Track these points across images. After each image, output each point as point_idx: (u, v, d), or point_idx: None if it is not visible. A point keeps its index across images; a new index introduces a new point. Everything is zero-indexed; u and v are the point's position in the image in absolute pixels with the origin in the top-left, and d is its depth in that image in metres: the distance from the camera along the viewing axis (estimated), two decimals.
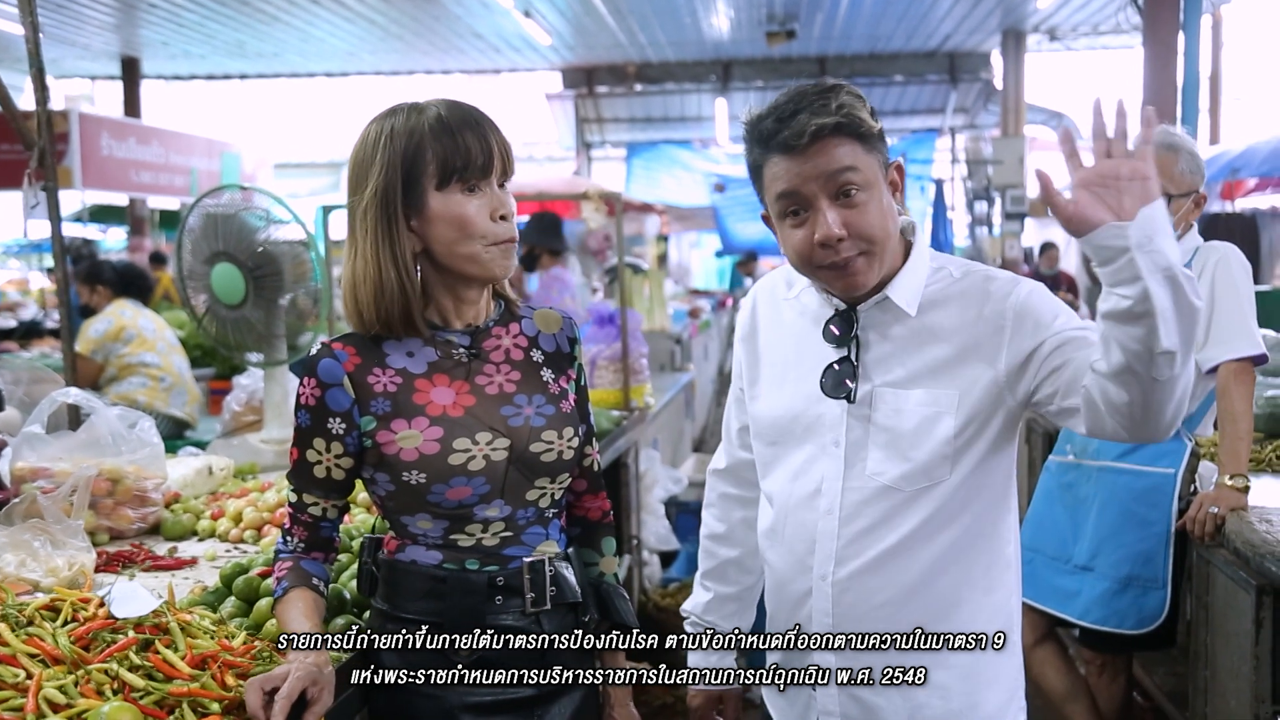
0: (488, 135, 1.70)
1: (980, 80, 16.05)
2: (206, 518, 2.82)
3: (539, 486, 1.78)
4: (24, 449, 2.70)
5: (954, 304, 1.75)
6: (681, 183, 17.20)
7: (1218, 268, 3.08)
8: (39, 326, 8.76)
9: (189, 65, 15.00)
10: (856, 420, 1.78)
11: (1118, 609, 3.12)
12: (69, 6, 11.34)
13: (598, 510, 1.98)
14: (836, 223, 1.67)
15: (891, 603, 1.75)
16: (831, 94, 1.69)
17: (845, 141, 1.67)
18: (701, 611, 2.09)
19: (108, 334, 5.32)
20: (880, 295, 1.76)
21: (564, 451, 1.80)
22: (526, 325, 1.87)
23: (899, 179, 1.76)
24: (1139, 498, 3.11)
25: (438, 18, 12.55)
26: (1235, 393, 2.98)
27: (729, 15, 13.01)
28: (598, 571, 1.96)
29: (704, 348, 10.43)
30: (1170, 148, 3.12)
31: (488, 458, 1.72)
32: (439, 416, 1.72)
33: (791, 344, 1.87)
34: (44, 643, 1.66)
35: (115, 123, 11.94)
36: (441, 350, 1.77)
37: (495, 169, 1.71)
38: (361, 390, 1.72)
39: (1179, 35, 8.57)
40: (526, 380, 1.81)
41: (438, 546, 1.76)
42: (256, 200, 3.63)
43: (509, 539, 1.78)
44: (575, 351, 1.90)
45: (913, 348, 1.76)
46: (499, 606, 1.76)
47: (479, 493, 1.72)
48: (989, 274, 1.77)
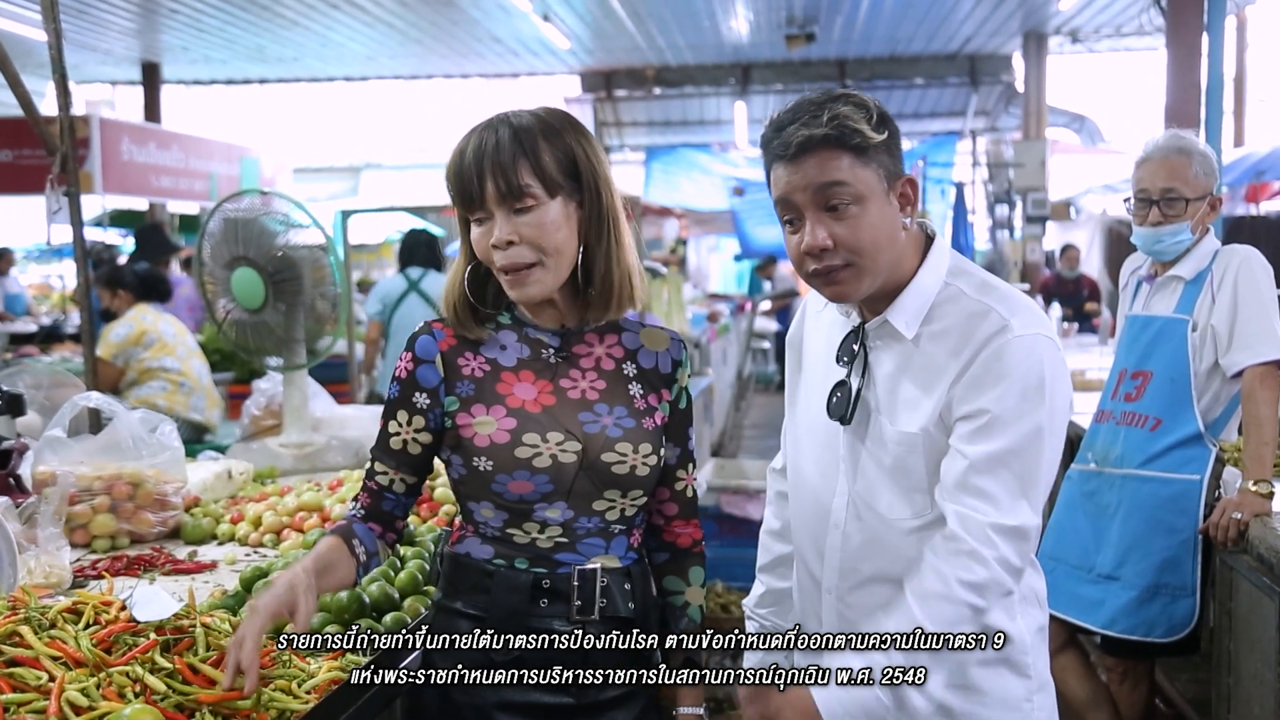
0: (484, 168, 1.69)
1: (1001, 83, 15.97)
2: (226, 522, 2.83)
3: (608, 498, 1.77)
4: (46, 453, 2.71)
5: (950, 336, 1.71)
6: (700, 186, 17.17)
7: (1240, 271, 3.06)
8: (59, 331, 8.80)
9: (209, 70, 15.07)
10: (854, 442, 1.80)
11: (1146, 617, 3.10)
12: (90, 12, 11.40)
13: (688, 538, 1.93)
14: (822, 234, 1.67)
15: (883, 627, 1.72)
16: (829, 105, 1.67)
17: (836, 153, 1.65)
18: (755, 604, 2.12)
19: (129, 338, 5.34)
20: (881, 317, 1.76)
21: (637, 466, 1.77)
22: (628, 339, 1.86)
23: (911, 192, 1.73)
24: (1165, 505, 3.09)
25: (456, 22, 12.57)
26: (1260, 397, 2.96)
27: (748, 18, 12.98)
28: (682, 600, 1.92)
29: (722, 352, 10.41)
30: (1182, 151, 3.12)
31: (555, 458, 1.73)
32: (517, 409, 1.75)
33: (821, 356, 1.89)
34: (66, 645, 1.67)
35: (136, 128, 12.00)
36: (532, 348, 1.80)
37: (490, 198, 1.70)
38: (450, 370, 1.77)
39: (1203, 37, 8.49)
40: (611, 390, 1.81)
41: (494, 540, 1.77)
42: (276, 205, 3.65)
43: (564, 545, 1.77)
44: (678, 374, 1.88)
45: (907, 376, 1.75)
46: (543, 610, 1.75)
47: (541, 491, 1.73)
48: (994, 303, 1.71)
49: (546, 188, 1.70)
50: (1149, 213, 3.15)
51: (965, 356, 1.68)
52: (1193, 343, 3.11)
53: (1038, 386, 1.66)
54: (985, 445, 1.65)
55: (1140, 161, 3.20)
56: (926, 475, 1.72)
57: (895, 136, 1.70)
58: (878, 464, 1.77)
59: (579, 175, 1.74)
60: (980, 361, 1.67)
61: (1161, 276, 3.24)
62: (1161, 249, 3.18)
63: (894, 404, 1.75)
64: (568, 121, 1.76)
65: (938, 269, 1.76)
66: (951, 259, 1.78)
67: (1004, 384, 1.65)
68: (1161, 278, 3.24)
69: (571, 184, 1.73)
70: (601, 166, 1.77)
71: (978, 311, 1.71)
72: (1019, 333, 1.67)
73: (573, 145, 1.74)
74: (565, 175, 1.72)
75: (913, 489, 1.74)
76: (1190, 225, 3.13)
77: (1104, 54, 15.45)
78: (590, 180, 1.74)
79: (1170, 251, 3.18)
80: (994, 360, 1.66)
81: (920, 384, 1.73)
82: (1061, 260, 11.93)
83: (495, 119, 1.74)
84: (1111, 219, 12.66)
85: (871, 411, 1.77)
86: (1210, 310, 3.09)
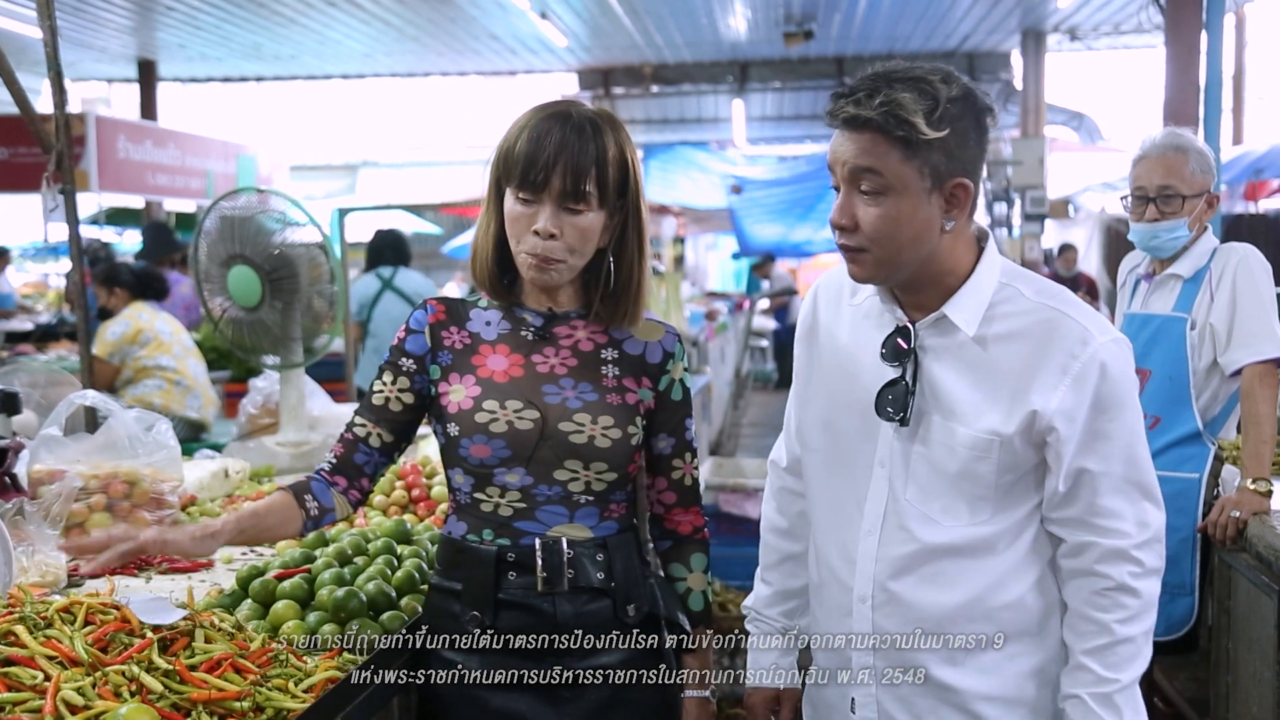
0: (559, 160, 1.76)
1: (1000, 80, 15.96)
2: None
3: (569, 469, 1.84)
4: (42, 451, 2.70)
5: (1022, 340, 1.67)
6: (698, 184, 17.13)
7: (1239, 269, 3.06)
8: (55, 329, 8.78)
9: (205, 68, 15.04)
10: (904, 444, 1.73)
11: None
12: (86, 9, 11.37)
13: (688, 525, 2.00)
14: (843, 210, 1.65)
15: (927, 634, 1.73)
16: (892, 84, 1.59)
17: (878, 139, 1.59)
18: (763, 607, 2.03)
19: (125, 336, 5.33)
20: (938, 314, 1.70)
21: (596, 437, 1.83)
22: (616, 329, 1.91)
23: (962, 195, 1.64)
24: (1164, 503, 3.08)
25: (453, 19, 12.55)
26: (1259, 395, 2.96)
27: (746, 16, 12.97)
28: (685, 587, 1.98)
29: (720, 350, 10.41)
30: (1179, 149, 3.12)
31: (511, 424, 1.83)
32: (485, 379, 1.86)
33: (848, 352, 1.80)
34: (62, 645, 1.66)
35: (132, 125, 11.96)
36: (514, 325, 1.91)
37: (553, 189, 1.77)
38: (435, 342, 1.90)
39: (1201, 34, 8.48)
40: (582, 368, 1.88)
41: (465, 509, 1.88)
42: (273, 203, 3.64)
43: (523, 511, 1.84)
44: (668, 365, 1.93)
45: (972, 379, 1.69)
46: (511, 582, 1.83)
47: (499, 455, 1.83)
48: (1062, 308, 1.68)
49: (601, 198, 1.80)
50: (1145, 209, 3.15)
51: (1054, 366, 1.64)
52: (1191, 341, 3.11)
53: (1131, 390, 1.68)
54: (1102, 464, 1.65)
55: (1137, 159, 3.20)
56: (995, 481, 1.68)
57: (962, 134, 1.61)
58: (936, 468, 1.70)
59: (627, 191, 1.84)
60: (1077, 376, 1.63)
61: (1160, 275, 3.24)
62: (1158, 245, 3.18)
63: (958, 407, 1.68)
64: (626, 134, 1.85)
65: (993, 268, 1.71)
66: (1003, 261, 1.74)
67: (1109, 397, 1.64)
68: (1160, 276, 3.24)
69: (619, 200, 1.83)
70: (641, 180, 1.87)
71: (1050, 317, 1.67)
72: (1101, 340, 1.65)
73: (630, 162, 1.83)
74: (618, 191, 1.82)
75: (978, 496, 1.69)
76: (1187, 222, 3.13)
77: (1102, 51, 15.44)
78: (634, 196, 1.85)
79: (1167, 248, 3.18)
80: (1089, 374, 1.63)
81: (991, 387, 1.67)
82: (1059, 260, 11.94)
83: (578, 115, 1.80)
84: (1110, 217, 12.67)
85: (926, 413, 1.71)
86: (1209, 308, 3.09)
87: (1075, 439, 1.65)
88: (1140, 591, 1.67)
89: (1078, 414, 1.64)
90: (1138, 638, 1.67)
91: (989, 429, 1.66)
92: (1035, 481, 1.71)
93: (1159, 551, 1.70)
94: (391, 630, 2.01)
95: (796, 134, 19.33)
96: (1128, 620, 1.66)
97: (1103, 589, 1.67)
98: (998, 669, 1.73)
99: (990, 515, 1.70)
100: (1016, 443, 1.66)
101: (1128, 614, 1.66)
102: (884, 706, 1.78)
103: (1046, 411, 1.64)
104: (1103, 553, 1.67)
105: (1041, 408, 1.64)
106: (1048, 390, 1.64)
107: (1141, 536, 1.68)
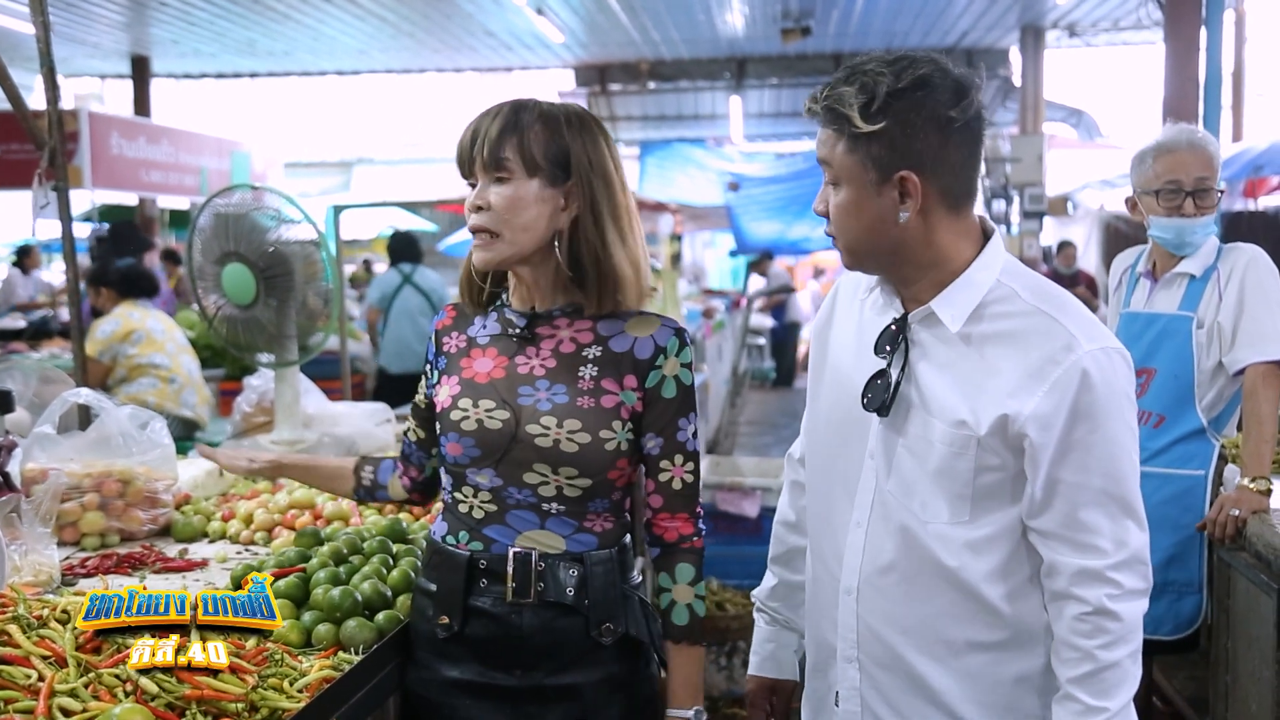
0: (477, 133, 1.83)
1: (998, 77, 15.96)
2: (217, 519, 2.81)
3: (538, 472, 1.83)
4: (35, 450, 2.69)
5: (1008, 342, 1.64)
6: (695, 181, 17.12)
7: (1247, 269, 3.05)
8: (48, 327, 8.74)
9: (199, 64, 15.01)
10: (889, 437, 1.72)
11: (1153, 615, 3.04)
12: (79, 5, 11.34)
13: (674, 532, 1.92)
14: (820, 198, 1.70)
15: (908, 631, 1.72)
16: (843, 80, 1.62)
17: (826, 131, 1.66)
18: (767, 597, 2.04)
19: (115, 335, 5.30)
20: (926, 308, 1.69)
21: (562, 441, 1.82)
22: (605, 325, 1.89)
23: (911, 190, 1.62)
24: (1170, 501, 3.07)
25: (449, 15, 12.53)
26: (1262, 395, 2.95)
27: (743, 12, 12.96)
28: (669, 599, 1.91)
29: (718, 348, 10.39)
30: (1207, 141, 3.13)
31: (480, 423, 1.85)
32: (467, 380, 1.90)
33: (854, 345, 1.80)
34: (55, 644, 1.65)
35: (125, 122, 11.92)
36: (504, 327, 1.94)
37: (478, 165, 1.82)
38: (438, 346, 1.99)
39: (1201, 31, 8.48)
40: (559, 370, 1.87)
41: (447, 509, 1.94)
42: (267, 200, 3.62)
43: (493, 514, 1.85)
44: (658, 361, 1.87)
45: (956, 375, 1.67)
46: (481, 590, 1.85)
47: (469, 454, 1.86)
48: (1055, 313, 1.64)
49: (525, 166, 1.80)
50: (1183, 203, 3.07)
51: (1033, 371, 1.61)
52: (1198, 340, 3.08)
53: (1119, 402, 1.62)
54: (1079, 475, 1.61)
55: (1163, 152, 3.09)
56: (974, 480, 1.66)
57: (909, 126, 1.59)
58: (918, 461, 1.69)
59: (568, 165, 1.82)
60: (1055, 382, 1.60)
61: (1168, 273, 3.19)
62: (1193, 241, 3.10)
63: (937, 401, 1.67)
64: (575, 116, 1.85)
65: (992, 266, 1.68)
66: (1007, 259, 1.71)
67: (1089, 406, 1.59)
68: (1168, 274, 3.19)
69: (557, 171, 1.81)
70: (603, 162, 1.84)
71: (1040, 322, 1.64)
72: (1088, 348, 1.61)
73: (568, 137, 1.82)
74: (550, 161, 1.81)
75: (958, 494, 1.67)
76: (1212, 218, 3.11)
77: (1102, 48, 15.44)
78: (584, 173, 1.82)
79: (1197, 245, 3.11)
80: (1069, 381, 1.59)
81: (973, 386, 1.65)
82: (1058, 258, 11.93)
83: (508, 101, 1.86)
84: (1109, 214, 12.65)
85: (912, 406, 1.69)
86: (1217, 307, 3.05)
87: (1051, 447, 1.61)
88: (1121, 615, 1.63)
89: (1054, 421, 1.60)
90: (1123, 661, 1.64)
91: (963, 426, 1.64)
92: (1019, 487, 1.67)
93: (1141, 573, 1.65)
94: (387, 630, 2.00)
95: (794, 131, 19.29)
96: (1110, 645, 1.63)
97: (1082, 614, 1.63)
98: (982, 673, 1.70)
99: (970, 516, 1.67)
100: (993, 443, 1.64)
101: (1109, 639, 1.62)
102: (867, 701, 1.76)
103: (1020, 417, 1.61)
104: (1076, 572, 1.63)
105: (1014, 412, 1.61)
106: (1024, 395, 1.61)
107: (1119, 556, 1.63)
